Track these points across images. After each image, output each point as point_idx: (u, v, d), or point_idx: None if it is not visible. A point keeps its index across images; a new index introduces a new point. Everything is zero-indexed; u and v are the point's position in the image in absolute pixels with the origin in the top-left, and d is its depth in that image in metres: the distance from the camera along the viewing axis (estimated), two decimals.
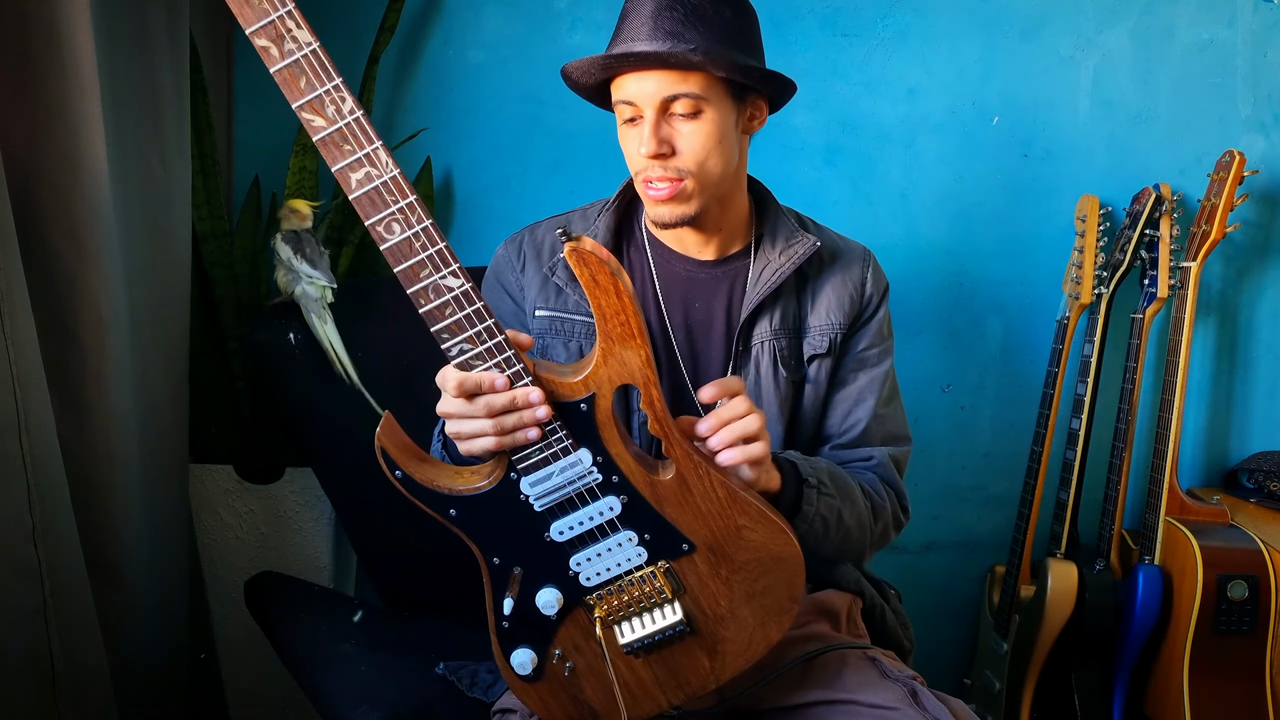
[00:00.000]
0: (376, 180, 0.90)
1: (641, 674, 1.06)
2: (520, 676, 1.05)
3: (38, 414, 1.14)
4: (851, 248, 1.30)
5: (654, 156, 1.12)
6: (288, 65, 0.88)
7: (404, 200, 0.91)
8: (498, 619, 1.04)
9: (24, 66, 1.18)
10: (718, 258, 1.25)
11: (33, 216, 1.20)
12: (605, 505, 1.00)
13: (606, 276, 0.95)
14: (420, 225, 0.91)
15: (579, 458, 0.99)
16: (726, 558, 1.03)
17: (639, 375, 0.97)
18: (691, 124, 1.12)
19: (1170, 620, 1.80)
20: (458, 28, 1.85)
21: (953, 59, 1.92)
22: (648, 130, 1.11)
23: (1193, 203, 1.95)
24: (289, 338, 1.52)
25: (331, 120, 0.89)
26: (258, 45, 0.87)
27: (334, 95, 0.88)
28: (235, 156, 1.86)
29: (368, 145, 0.89)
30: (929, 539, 2.06)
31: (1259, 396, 2.05)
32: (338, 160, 0.90)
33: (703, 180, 1.14)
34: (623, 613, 1.04)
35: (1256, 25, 1.94)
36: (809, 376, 1.25)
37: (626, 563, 1.02)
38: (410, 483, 1.00)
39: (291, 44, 0.87)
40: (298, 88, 0.88)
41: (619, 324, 0.96)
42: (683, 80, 1.10)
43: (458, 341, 0.95)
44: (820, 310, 1.25)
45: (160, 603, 1.46)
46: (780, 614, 1.05)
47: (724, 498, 1.01)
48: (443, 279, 0.93)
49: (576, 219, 1.28)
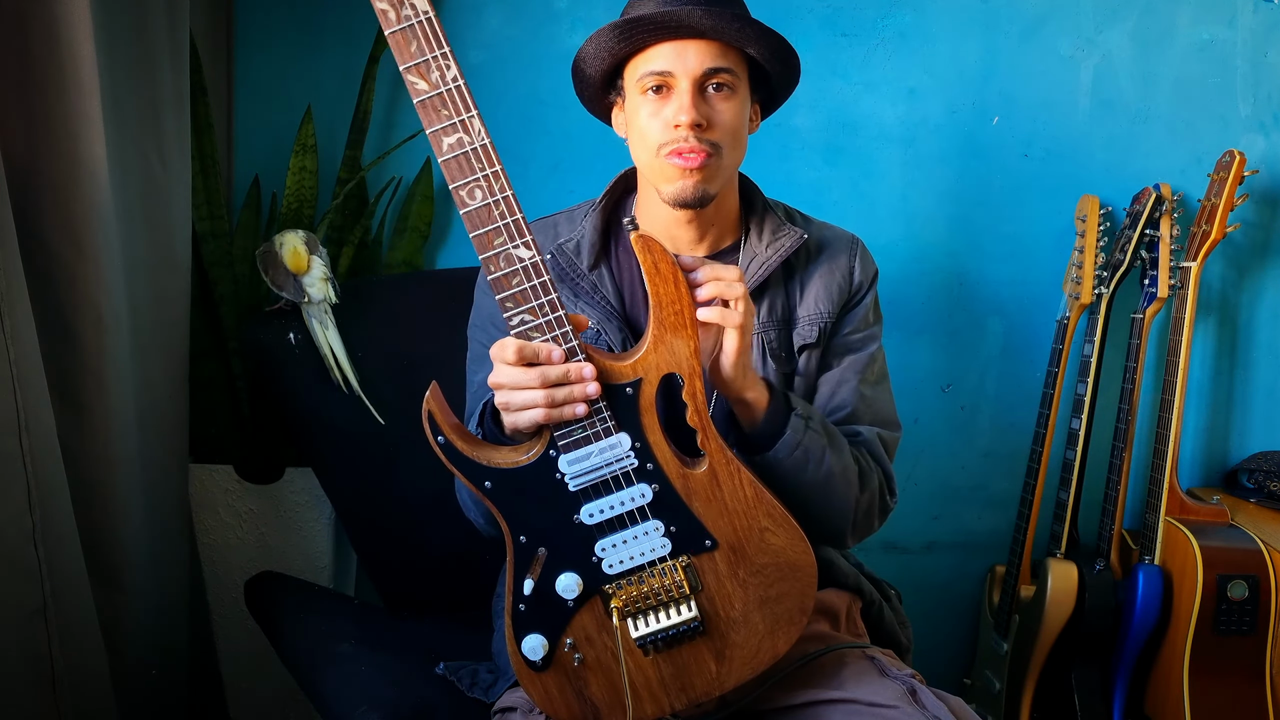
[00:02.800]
0: (467, 146, 0.95)
1: (649, 673, 1.07)
2: (529, 663, 1.06)
3: (37, 413, 1.14)
4: (838, 236, 1.29)
5: (693, 125, 1.11)
6: (402, 29, 0.92)
7: (490, 169, 0.96)
8: (515, 600, 1.05)
9: (24, 66, 1.18)
10: (709, 253, 1.24)
11: (33, 216, 1.19)
12: (637, 492, 1.02)
13: (668, 265, 0.99)
14: (501, 194, 0.96)
15: (619, 440, 1.01)
16: (746, 559, 1.04)
17: (685, 365, 1.00)
18: (726, 103, 1.13)
19: (1170, 620, 1.80)
20: (458, 28, 1.85)
21: (953, 59, 1.92)
22: (688, 99, 1.11)
23: (1193, 203, 1.95)
24: (289, 338, 1.52)
25: (435, 85, 0.93)
26: (377, 8, 0.91)
27: (440, 62, 0.93)
28: (235, 156, 1.86)
29: (464, 113, 0.94)
30: (929, 539, 2.06)
31: (1259, 396, 2.04)
32: (434, 123, 0.94)
33: (729, 160, 1.15)
34: (639, 605, 1.04)
35: (1256, 25, 1.94)
36: (799, 368, 1.24)
37: (650, 553, 1.03)
38: (451, 449, 1.02)
39: (409, 9, 0.92)
40: (408, 51, 0.93)
41: (674, 312, 0.99)
42: (724, 55, 1.11)
43: (520, 311, 0.98)
44: (809, 300, 1.24)
45: (160, 603, 1.46)
46: (790, 624, 1.06)
47: (751, 497, 1.03)
48: (515, 248, 0.97)
49: (563, 221, 1.28)
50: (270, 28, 1.84)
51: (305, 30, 1.83)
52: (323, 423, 1.52)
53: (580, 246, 1.23)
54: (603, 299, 1.21)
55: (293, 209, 1.73)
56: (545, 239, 1.25)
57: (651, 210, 1.22)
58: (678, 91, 1.11)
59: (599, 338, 1.20)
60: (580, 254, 1.22)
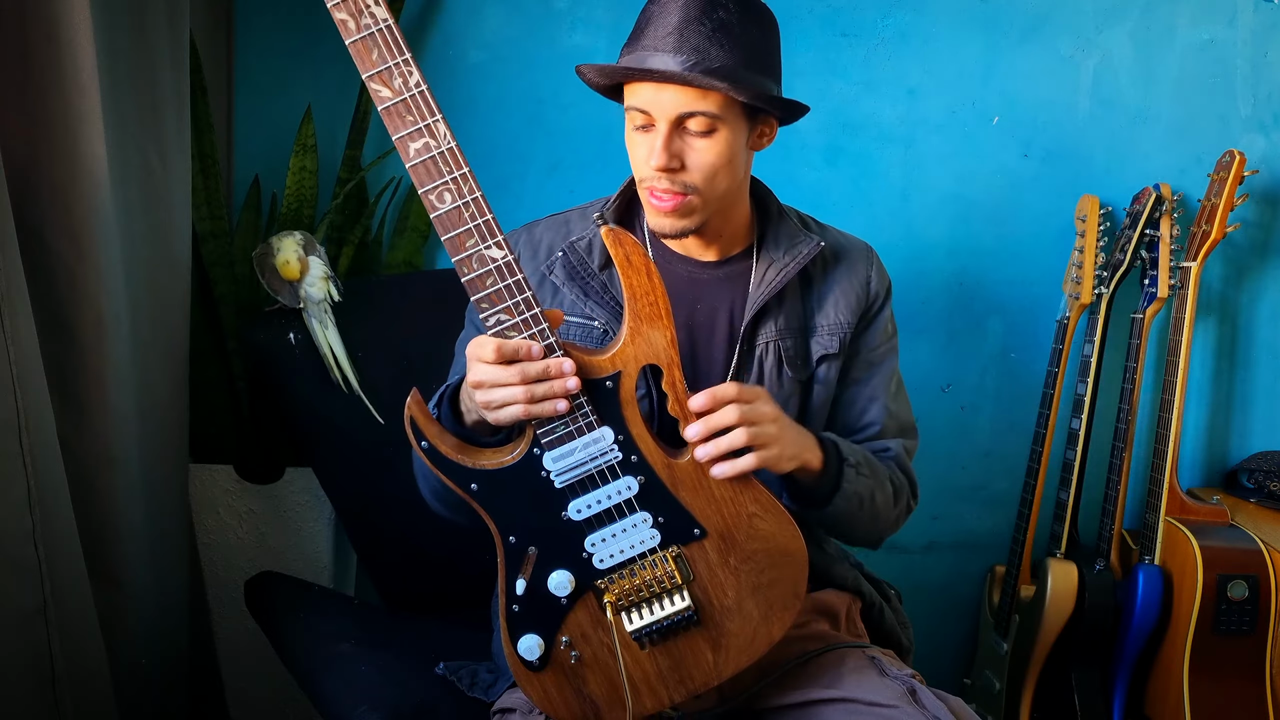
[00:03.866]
0: (434, 150, 0.96)
1: (646, 667, 1.07)
2: (526, 664, 1.06)
3: (37, 413, 1.14)
4: (854, 245, 1.30)
5: (663, 170, 1.11)
6: (363, 38, 0.94)
7: (457, 171, 0.96)
8: (509, 602, 1.05)
9: (24, 66, 1.18)
10: (720, 259, 1.24)
11: (32, 216, 1.19)
12: (623, 485, 1.03)
13: (640, 257, 1.00)
14: (470, 196, 0.97)
15: (601, 434, 1.02)
16: (736, 546, 1.05)
17: (663, 355, 1.01)
18: (705, 141, 1.11)
19: (1170, 620, 1.80)
20: (458, 28, 1.85)
21: (953, 59, 1.92)
22: (659, 143, 1.10)
23: (1193, 203, 1.95)
24: (289, 338, 1.52)
25: (398, 91, 0.95)
26: (336, 18, 0.93)
27: (402, 68, 0.94)
28: (235, 156, 1.86)
29: (429, 117, 0.95)
30: (929, 539, 2.06)
31: (1259, 396, 2.04)
32: (399, 129, 0.95)
33: (708, 197, 1.14)
34: (632, 598, 1.05)
35: (1256, 25, 1.94)
36: (818, 377, 1.24)
37: (640, 544, 1.04)
38: (435, 454, 1.02)
39: (368, 18, 0.93)
40: (370, 59, 0.94)
41: (648, 304, 1.00)
42: (701, 99, 1.09)
43: (496, 311, 0.99)
44: (828, 310, 1.25)
45: (160, 603, 1.46)
46: (784, 609, 1.06)
47: (737, 483, 1.03)
48: (487, 249, 0.98)
49: (575, 218, 1.28)
50: (270, 28, 1.84)
51: (305, 30, 1.83)
52: (323, 423, 1.52)
53: (591, 245, 1.23)
54: (612, 299, 1.20)
55: (293, 209, 1.73)
56: (557, 236, 1.25)
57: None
58: (656, 131, 1.11)
59: (606, 336, 1.20)
60: (591, 253, 1.22)
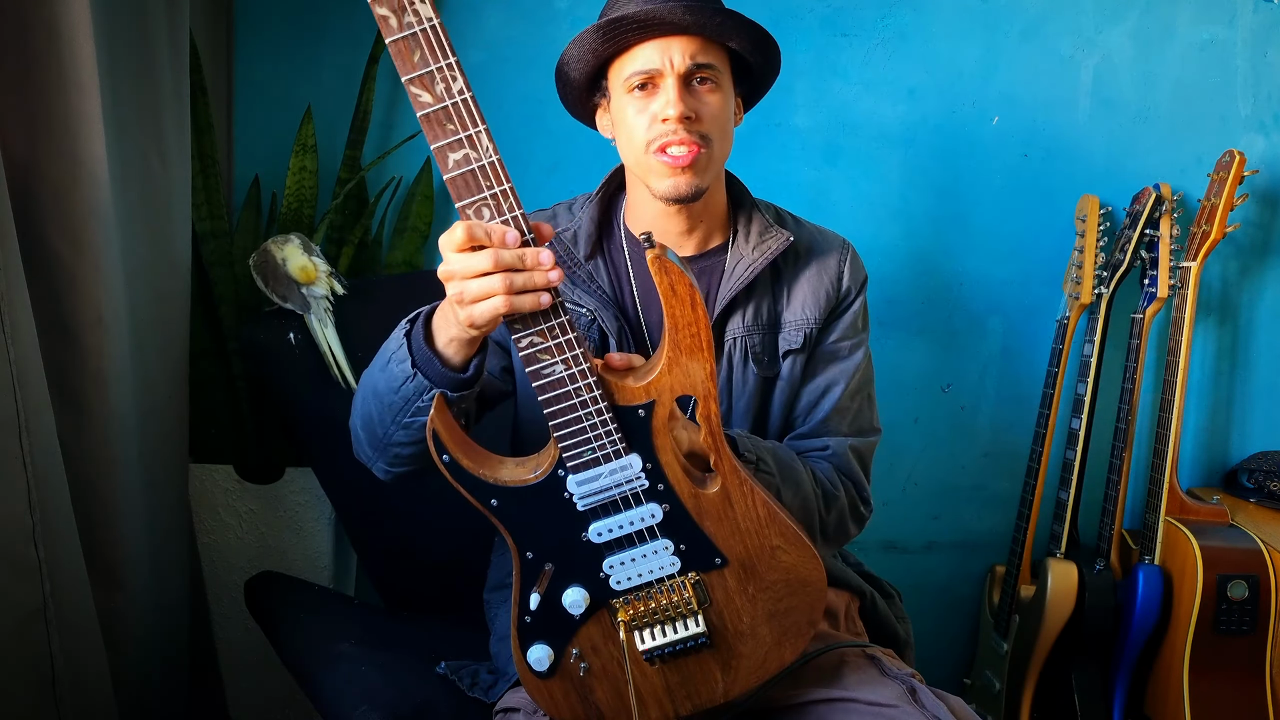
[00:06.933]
0: (474, 163, 0.89)
1: (654, 681, 1.06)
2: (535, 672, 1.06)
3: (38, 413, 1.14)
4: (829, 239, 1.29)
5: (682, 119, 1.11)
6: (404, 37, 0.86)
7: (498, 187, 0.90)
8: (521, 613, 1.04)
9: (24, 66, 1.18)
10: (696, 253, 1.25)
11: (32, 216, 1.19)
12: (647, 512, 1.00)
13: (685, 287, 0.95)
14: (510, 215, 0.91)
15: (629, 462, 0.99)
16: (756, 575, 1.03)
17: (701, 388, 0.97)
18: (712, 95, 1.14)
19: (1170, 620, 1.80)
20: (458, 28, 1.85)
21: (953, 59, 1.92)
22: (674, 93, 1.11)
23: (1193, 203, 1.95)
24: (289, 338, 1.52)
25: (439, 98, 0.87)
26: (377, 14, 0.85)
27: (446, 73, 0.87)
28: (235, 156, 1.86)
29: (471, 128, 0.88)
30: (929, 539, 2.06)
31: (1259, 396, 2.04)
32: (439, 138, 0.88)
33: (719, 152, 1.16)
34: (646, 619, 1.04)
35: (1256, 25, 1.94)
36: (782, 373, 1.24)
37: (659, 570, 1.02)
38: (457, 468, 0.99)
39: (411, 16, 0.86)
40: (410, 61, 0.87)
41: (689, 335, 0.96)
42: (707, 50, 1.12)
43: (529, 333, 0.94)
44: (795, 305, 1.25)
45: (160, 603, 1.46)
46: (797, 636, 1.06)
47: (764, 516, 1.02)
48: None
49: (562, 211, 1.29)
50: (270, 28, 1.84)
51: (305, 30, 1.83)
52: (323, 423, 1.52)
53: (577, 236, 1.24)
54: (598, 288, 1.22)
55: (293, 209, 1.73)
56: None
57: (639, 208, 1.23)
58: (664, 87, 1.12)
59: (594, 324, 1.21)
60: (577, 244, 1.24)
